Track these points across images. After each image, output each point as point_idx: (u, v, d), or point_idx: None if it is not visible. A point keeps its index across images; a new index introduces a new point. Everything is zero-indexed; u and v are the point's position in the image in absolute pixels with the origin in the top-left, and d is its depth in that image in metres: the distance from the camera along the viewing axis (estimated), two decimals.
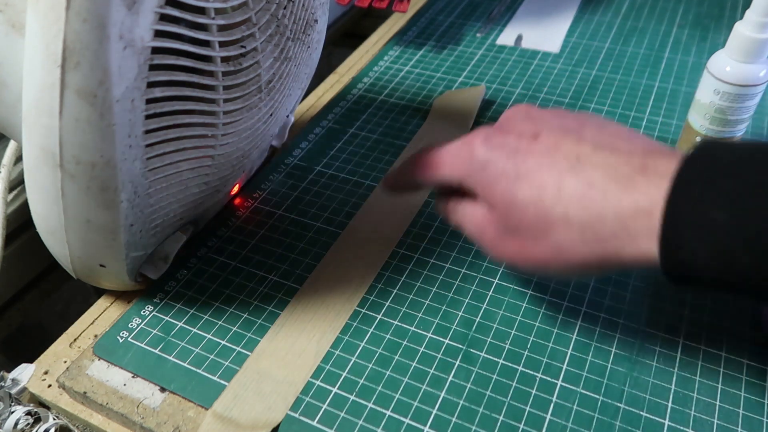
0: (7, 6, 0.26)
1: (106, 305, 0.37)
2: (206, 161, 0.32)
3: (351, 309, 0.35)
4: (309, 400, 0.31)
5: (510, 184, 0.28)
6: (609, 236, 0.25)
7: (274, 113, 0.37)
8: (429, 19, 0.64)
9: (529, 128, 0.29)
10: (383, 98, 0.53)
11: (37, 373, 0.34)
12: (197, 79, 0.29)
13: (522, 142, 0.28)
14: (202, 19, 0.27)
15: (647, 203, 0.24)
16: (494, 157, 0.28)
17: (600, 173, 0.26)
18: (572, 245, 0.26)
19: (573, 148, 0.27)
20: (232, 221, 0.41)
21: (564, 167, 0.27)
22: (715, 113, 0.41)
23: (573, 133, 0.28)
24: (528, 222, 0.27)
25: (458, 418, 0.30)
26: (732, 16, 0.63)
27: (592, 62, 0.56)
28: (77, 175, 0.26)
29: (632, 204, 0.24)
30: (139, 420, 0.31)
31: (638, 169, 0.25)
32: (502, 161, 0.28)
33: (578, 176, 0.26)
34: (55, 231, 0.29)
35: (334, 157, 0.47)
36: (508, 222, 0.28)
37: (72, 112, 0.24)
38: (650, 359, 0.32)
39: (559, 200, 0.26)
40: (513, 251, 0.29)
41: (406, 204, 0.42)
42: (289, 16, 0.34)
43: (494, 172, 0.28)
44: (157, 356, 0.33)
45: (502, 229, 0.29)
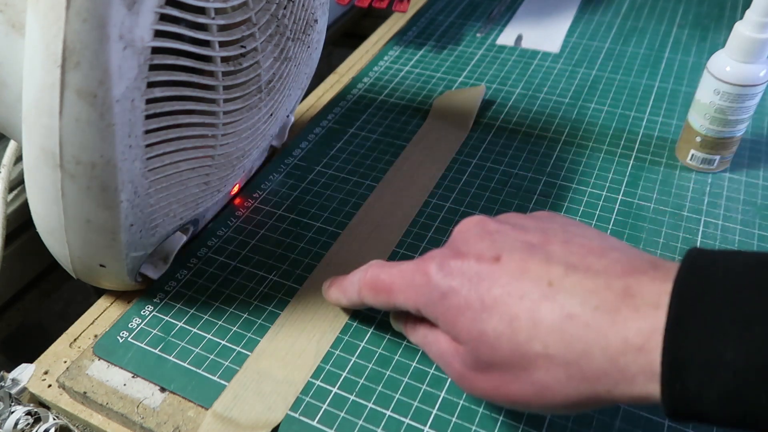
0: (7, 6, 0.26)
1: (106, 305, 0.37)
2: (206, 161, 0.32)
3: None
4: (309, 400, 0.31)
5: (476, 316, 0.25)
6: (598, 375, 0.22)
7: (274, 113, 0.37)
8: (429, 19, 0.64)
9: (487, 248, 0.26)
10: (383, 98, 0.53)
11: (37, 373, 0.34)
12: (197, 79, 0.29)
13: (482, 267, 0.25)
14: (202, 19, 0.27)
15: (640, 340, 0.21)
16: (454, 285, 0.26)
17: (578, 301, 0.23)
18: (557, 384, 0.23)
19: (541, 271, 0.24)
20: (232, 221, 0.41)
21: (536, 295, 0.24)
22: (715, 113, 0.41)
23: (538, 252, 0.25)
24: (502, 357, 0.24)
25: (458, 418, 0.30)
26: (732, 16, 0.63)
27: (592, 62, 0.56)
28: (77, 175, 0.26)
29: (621, 340, 0.22)
30: (139, 420, 0.31)
31: (621, 296, 0.22)
32: (464, 290, 0.25)
33: (553, 306, 0.23)
34: (55, 231, 0.29)
35: (334, 157, 0.47)
36: (479, 357, 0.25)
37: (72, 112, 0.24)
38: None
39: (535, 335, 0.23)
40: (487, 388, 0.26)
41: (406, 204, 0.42)
42: (289, 16, 0.34)
43: (456, 303, 0.25)
44: (157, 356, 0.33)
45: (472, 363, 0.26)
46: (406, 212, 0.41)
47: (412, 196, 0.43)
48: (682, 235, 0.39)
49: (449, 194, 0.43)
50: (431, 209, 0.42)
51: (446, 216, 0.41)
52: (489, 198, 0.42)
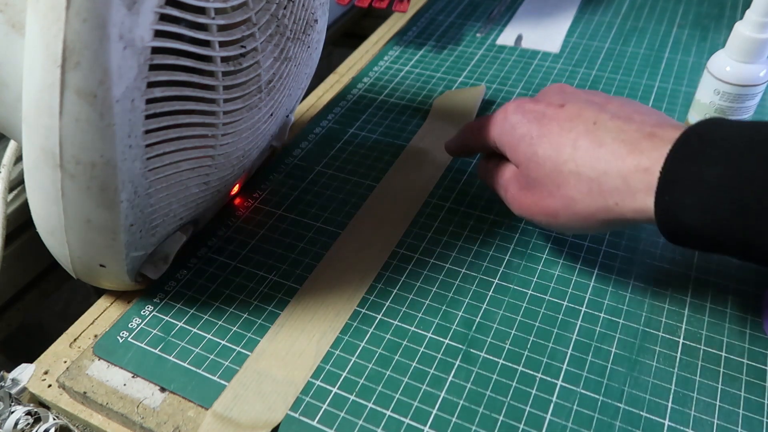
0: (7, 6, 0.26)
1: (106, 305, 0.37)
2: (206, 161, 0.32)
3: (351, 309, 0.35)
4: (309, 400, 0.31)
5: (533, 142, 0.32)
6: (612, 190, 0.28)
7: (274, 113, 0.37)
8: (429, 19, 0.64)
9: (558, 99, 0.33)
10: (383, 98, 0.53)
11: (37, 373, 0.34)
12: (197, 79, 0.29)
13: (549, 109, 0.32)
14: (202, 19, 0.27)
15: (648, 163, 0.27)
16: (523, 120, 0.32)
17: (611, 136, 0.29)
18: (580, 198, 0.30)
19: (592, 115, 0.30)
20: (232, 221, 0.41)
21: (581, 130, 0.30)
22: (715, 113, 0.41)
23: (596, 105, 0.31)
24: (544, 176, 0.31)
25: (458, 418, 0.30)
26: (732, 16, 0.63)
27: (592, 62, 0.56)
28: (77, 175, 0.26)
29: (634, 163, 0.27)
30: (139, 420, 0.31)
31: (646, 136, 0.28)
32: (528, 124, 0.32)
33: (591, 138, 0.29)
34: (55, 231, 0.29)
35: (334, 157, 0.47)
36: (528, 176, 0.32)
37: (72, 112, 0.24)
38: (650, 359, 0.32)
39: (572, 157, 0.30)
40: (529, 203, 0.33)
41: (406, 204, 0.42)
42: (289, 16, 0.34)
43: (521, 133, 0.32)
44: (157, 356, 0.33)
45: (523, 183, 0.33)
46: (406, 212, 0.41)
47: (412, 196, 0.43)
48: None
49: (449, 194, 0.43)
50: (431, 209, 0.42)
51: (446, 216, 0.41)
52: (489, 198, 0.42)
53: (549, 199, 0.31)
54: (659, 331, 0.34)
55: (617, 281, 0.36)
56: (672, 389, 0.31)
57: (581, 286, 0.36)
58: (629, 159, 0.28)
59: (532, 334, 0.34)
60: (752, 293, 0.35)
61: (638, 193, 0.27)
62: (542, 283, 0.36)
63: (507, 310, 0.35)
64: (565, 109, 0.32)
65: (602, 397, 0.31)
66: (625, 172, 0.28)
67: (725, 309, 0.34)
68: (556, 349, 0.33)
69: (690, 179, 0.26)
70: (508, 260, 0.38)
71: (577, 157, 0.30)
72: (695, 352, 0.32)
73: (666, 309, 0.35)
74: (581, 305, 0.35)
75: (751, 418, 0.30)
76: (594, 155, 0.29)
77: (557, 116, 0.31)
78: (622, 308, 0.35)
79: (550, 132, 0.31)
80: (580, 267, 0.37)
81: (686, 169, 0.26)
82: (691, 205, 0.26)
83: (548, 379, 0.31)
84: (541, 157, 0.31)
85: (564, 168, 0.30)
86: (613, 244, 0.38)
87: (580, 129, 0.30)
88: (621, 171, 0.28)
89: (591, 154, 0.29)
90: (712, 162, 0.25)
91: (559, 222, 0.31)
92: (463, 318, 0.35)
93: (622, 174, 0.28)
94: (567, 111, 0.31)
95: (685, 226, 0.26)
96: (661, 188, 0.26)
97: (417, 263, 0.38)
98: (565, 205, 0.30)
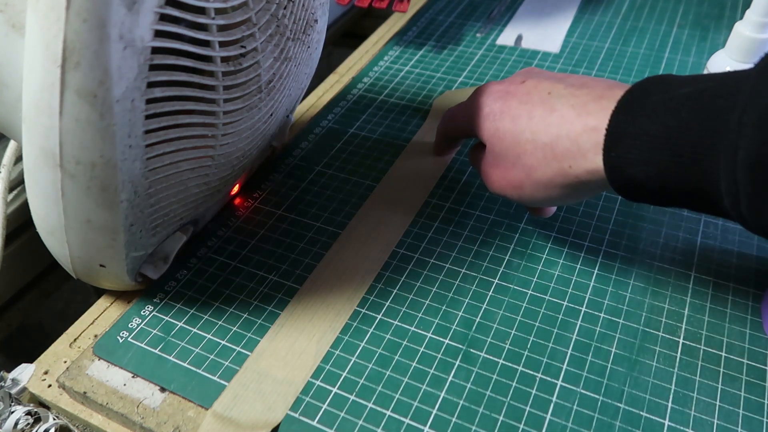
0: (7, 6, 0.26)
1: (106, 305, 0.37)
2: (206, 161, 0.32)
3: (351, 309, 0.35)
4: (309, 400, 0.31)
5: (495, 118, 0.33)
6: (564, 153, 0.29)
7: (274, 113, 0.37)
8: (429, 19, 0.64)
9: (521, 77, 0.34)
10: (383, 98, 0.53)
11: (37, 373, 0.34)
12: (197, 79, 0.29)
13: (511, 86, 0.33)
14: (202, 19, 0.27)
15: (595, 122, 0.28)
16: (487, 100, 0.34)
17: (562, 102, 0.30)
18: (538, 165, 0.31)
19: (548, 86, 0.32)
20: (232, 221, 0.41)
21: (536, 101, 0.31)
22: None
23: (555, 78, 0.32)
24: (506, 149, 0.32)
25: (458, 418, 0.30)
26: (732, 16, 0.63)
27: (592, 62, 0.56)
28: (77, 175, 0.26)
29: (582, 124, 0.28)
30: (139, 420, 0.31)
31: (595, 98, 0.29)
32: (492, 103, 0.34)
33: (544, 106, 0.31)
34: (55, 231, 0.29)
35: (334, 157, 0.47)
36: (494, 152, 0.34)
37: (72, 112, 0.24)
38: (650, 359, 0.32)
39: (527, 126, 0.31)
40: (497, 178, 0.34)
41: (406, 204, 0.42)
42: (289, 16, 0.34)
43: (485, 112, 0.34)
44: (157, 356, 0.33)
45: (491, 159, 0.34)
46: (406, 212, 0.41)
47: (412, 196, 0.43)
48: (682, 235, 0.39)
49: (449, 194, 0.43)
50: (431, 209, 0.42)
51: (446, 216, 0.41)
52: (489, 198, 0.42)
53: (512, 170, 0.32)
54: (659, 331, 0.34)
55: (617, 281, 0.36)
56: (672, 389, 0.31)
57: (581, 286, 0.36)
58: (578, 121, 0.29)
59: (532, 334, 0.34)
60: (752, 293, 0.35)
61: (588, 152, 0.28)
62: (542, 283, 0.36)
63: (507, 310, 0.35)
64: (524, 84, 0.33)
65: (602, 397, 0.31)
66: (574, 134, 0.29)
67: (725, 309, 0.34)
68: (556, 349, 0.33)
69: (633, 133, 0.26)
70: (508, 260, 0.38)
71: (533, 125, 0.31)
72: (695, 352, 0.32)
73: (666, 309, 0.35)
74: (581, 305, 0.35)
75: (751, 418, 0.30)
76: (546, 122, 0.30)
77: (517, 91, 0.33)
78: (622, 308, 0.35)
79: (510, 107, 0.32)
80: (580, 267, 0.37)
81: (630, 124, 0.26)
82: (636, 158, 0.26)
83: (548, 379, 0.31)
84: (501, 131, 0.32)
85: (521, 138, 0.31)
86: (613, 244, 0.38)
87: (535, 100, 0.31)
88: (571, 133, 0.29)
89: (544, 121, 0.30)
90: (653, 115, 0.26)
91: (526, 193, 0.32)
92: (463, 318, 0.35)
93: (571, 136, 0.29)
94: (526, 85, 0.33)
95: (633, 179, 0.27)
96: (607, 145, 0.27)
97: (417, 263, 0.38)
98: (526, 174, 0.31)
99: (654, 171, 0.26)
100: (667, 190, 0.26)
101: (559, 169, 0.30)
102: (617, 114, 0.27)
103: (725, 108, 0.24)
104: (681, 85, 0.26)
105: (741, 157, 0.23)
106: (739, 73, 0.25)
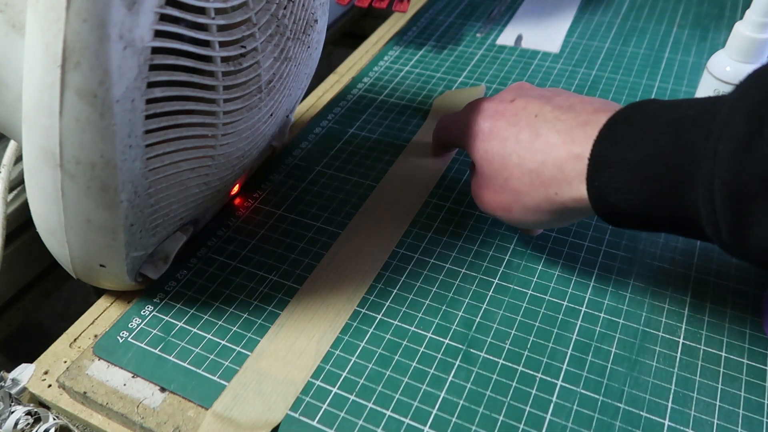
0: (7, 6, 0.26)
1: (106, 305, 0.37)
2: (206, 161, 0.32)
3: (351, 309, 0.35)
4: (309, 400, 0.31)
5: (484, 139, 0.33)
6: (550, 180, 0.29)
7: (274, 113, 0.37)
8: (429, 19, 0.64)
9: (511, 95, 0.33)
10: (383, 98, 0.53)
11: (37, 373, 0.34)
12: (197, 79, 0.29)
13: (500, 105, 0.33)
14: (202, 19, 0.27)
15: (579, 150, 0.28)
16: (477, 118, 0.34)
17: (548, 127, 0.30)
18: (525, 190, 0.31)
19: (535, 108, 0.31)
20: (232, 221, 0.41)
21: (524, 124, 0.31)
22: None
23: (543, 99, 0.32)
24: (494, 171, 0.32)
25: (458, 418, 0.30)
26: (732, 16, 0.63)
27: (592, 62, 0.56)
28: (77, 175, 0.26)
29: (567, 152, 0.28)
30: (139, 420, 0.31)
31: (580, 124, 0.29)
32: (481, 122, 0.33)
33: (531, 130, 0.30)
34: (55, 231, 0.29)
35: (334, 157, 0.47)
36: (483, 172, 0.33)
37: (72, 112, 0.24)
38: (650, 359, 0.32)
39: (515, 149, 0.31)
40: (487, 200, 0.34)
41: (406, 204, 0.42)
42: (289, 16, 0.34)
43: (474, 131, 0.34)
44: (157, 356, 0.33)
45: (481, 180, 0.34)
46: (406, 212, 0.41)
47: (412, 196, 0.43)
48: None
49: (449, 194, 0.43)
50: (431, 209, 0.42)
51: (446, 216, 0.41)
52: None
53: (501, 193, 0.32)
54: (659, 331, 0.34)
55: (617, 281, 0.36)
56: (672, 389, 0.31)
57: (581, 286, 0.36)
58: (563, 148, 0.29)
59: (532, 334, 0.34)
60: (752, 293, 0.35)
61: (573, 180, 0.28)
62: (542, 283, 0.36)
63: (507, 310, 0.35)
64: (513, 103, 0.32)
65: (602, 397, 0.31)
66: (559, 162, 0.29)
67: (725, 309, 0.34)
68: (556, 349, 0.33)
69: (615, 162, 0.26)
70: (508, 260, 0.38)
71: (519, 150, 0.31)
72: (695, 352, 0.32)
73: (666, 309, 0.35)
74: (581, 305, 0.35)
75: (751, 418, 0.30)
76: (533, 147, 0.30)
77: (506, 111, 0.32)
78: (622, 308, 0.35)
79: (498, 128, 0.32)
80: (580, 267, 0.37)
81: (612, 153, 0.27)
82: (618, 187, 0.26)
83: (548, 379, 0.31)
84: (490, 153, 0.32)
85: (509, 162, 0.31)
86: (613, 244, 0.38)
87: (522, 123, 0.31)
88: (556, 161, 0.29)
89: (531, 146, 0.30)
90: (633, 143, 0.26)
91: (515, 216, 0.32)
92: (463, 318, 0.35)
93: (557, 164, 0.29)
94: (514, 105, 0.32)
95: (617, 208, 0.27)
96: (590, 173, 0.27)
97: (417, 263, 0.38)
98: (514, 198, 0.31)
99: (637, 199, 0.26)
100: (651, 217, 0.27)
101: (546, 196, 0.30)
102: (600, 142, 0.27)
103: (701, 136, 0.24)
104: (662, 113, 0.26)
105: (718, 186, 0.23)
106: (717, 98, 0.25)
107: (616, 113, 0.28)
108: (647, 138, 0.26)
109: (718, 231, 0.24)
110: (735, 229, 0.23)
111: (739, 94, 0.23)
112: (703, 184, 0.23)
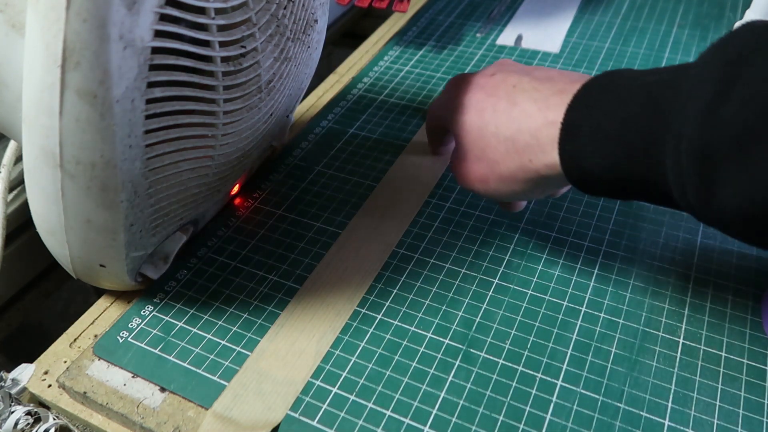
0: (7, 6, 0.26)
1: (106, 305, 0.37)
2: (206, 161, 0.32)
3: (351, 309, 0.35)
4: (309, 400, 0.31)
5: (463, 111, 0.33)
6: (525, 147, 0.29)
7: (274, 113, 0.37)
8: (429, 19, 0.64)
9: (492, 70, 0.34)
10: (383, 98, 0.53)
11: (37, 373, 0.34)
12: (197, 79, 0.29)
13: (481, 79, 0.33)
14: (202, 19, 0.27)
15: (553, 116, 0.28)
16: (458, 92, 0.34)
17: (525, 96, 0.30)
18: (501, 158, 0.31)
19: (514, 79, 0.32)
20: (232, 221, 0.41)
21: (501, 95, 0.31)
22: None
23: (523, 72, 0.32)
24: (472, 142, 0.32)
25: (458, 418, 0.30)
26: (732, 16, 0.63)
27: (592, 62, 0.56)
28: (77, 175, 0.26)
29: (542, 119, 0.29)
30: (139, 420, 0.31)
31: (556, 92, 0.29)
32: (461, 96, 0.34)
33: (508, 99, 0.31)
34: (55, 231, 0.29)
35: (334, 157, 0.47)
36: (461, 146, 0.34)
37: (72, 112, 0.24)
38: (650, 359, 0.32)
39: (492, 119, 0.31)
40: (464, 172, 0.34)
41: (406, 204, 0.42)
42: (289, 16, 0.34)
43: (455, 104, 0.34)
44: (157, 356, 0.33)
45: (460, 153, 0.34)
46: (406, 212, 0.41)
47: (412, 196, 0.43)
48: (682, 235, 0.39)
49: (449, 194, 0.43)
50: (431, 209, 0.42)
51: (446, 216, 0.41)
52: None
53: (477, 164, 0.32)
54: (659, 331, 0.34)
55: (617, 281, 0.36)
56: (672, 389, 0.31)
57: (581, 286, 0.36)
58: (538, 115, 0.29)
59: (532, 334, 0.34)
60: (752, 293, 0.35)
61: (546, 146, 0.28)
62: (542, 283, 0.36)
63: (507, 310, 0.35)
64: (494, 76, 0.33)
65: (602, 397, 0.31)
66: (534, 129, 0.29)
67: (725, 309, 0.34)
68: (556, 349, 0.33)
69: (588, 127, 0.27)
70: (508, 260, 0.38)
71: (496, 119, 0.31)
72: (695, 352, 0.33)
73: (666, 309, 0.35)
74: (581, 305, 0.35)
75: (751, 418, 0.30)
76: (510, 115, 0.30)
77: (486, 84, 0.33)
78: (622, 308, 0.35)
79: (477, 99, 0.32)
80: (580, 267, 0.37)
81: (584, 118, 0.27)
82: (591, 151, 0.26)
83: (548, 379, 0.31)
84: (467, 124, 0.33)
85: (486, 131, 0.31)
86: (613, 244, 0.38)
87: (500, 93, 0.31)
88: (531, 128, 0.29)
89: (507, 115, 0.30)
90: (606, 108, 0.26)
91: (491, 187, 0.32)
92: (463, 318, 0.35)
93: (532, 131, 0.29)
94: (495, 78, 0.33)
95: (588, 173, 0.27)
96: (562, 138, 0.27)
97: (417, 263, 0.38)
98: (490, 168, 0.32)
99: (608, 163, 0.26)
100: (621, 182, 0.27)
101: (521, 163, 0.30)
102: (573, 108, 0.27)
103: (671, 99, 0.24)
104: (636, 77, 0.26)
105: (685, 146, 0.23)
106: (690, 64, 0.25)
107: (590, 80, 0.28)
108: (620, 102, 0.26)
109: (684, 193, 0.24)
110: (701, 191, 0.23)
111: (710, 56, 0.23)
112: (671, 145, 0.23)
